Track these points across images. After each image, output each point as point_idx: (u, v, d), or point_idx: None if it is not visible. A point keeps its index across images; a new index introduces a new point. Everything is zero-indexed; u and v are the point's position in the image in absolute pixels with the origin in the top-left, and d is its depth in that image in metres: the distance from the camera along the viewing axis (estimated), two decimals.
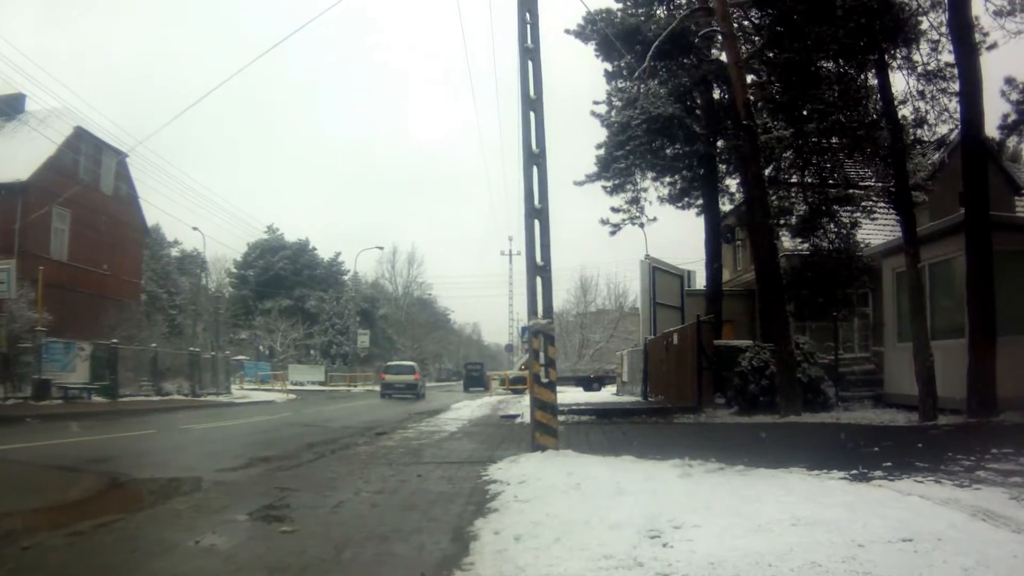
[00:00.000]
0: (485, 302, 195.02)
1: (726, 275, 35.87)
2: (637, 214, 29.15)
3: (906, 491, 8.15)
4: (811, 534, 6.02)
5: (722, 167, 29.41)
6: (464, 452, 14.05)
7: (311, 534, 6.99)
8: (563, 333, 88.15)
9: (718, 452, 10.78)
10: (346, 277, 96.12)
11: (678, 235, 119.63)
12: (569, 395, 39.13)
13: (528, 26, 13.12)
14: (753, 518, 6.52)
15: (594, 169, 27.42)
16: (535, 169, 12.73)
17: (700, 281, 41.38)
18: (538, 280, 12.58)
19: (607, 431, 17.40)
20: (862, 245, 25.28)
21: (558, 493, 8.25)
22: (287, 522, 7.47)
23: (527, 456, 11.62)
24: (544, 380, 12.18)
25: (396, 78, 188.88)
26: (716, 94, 28.08)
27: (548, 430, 12.05)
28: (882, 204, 25.25)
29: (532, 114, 12.87)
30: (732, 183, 30.42)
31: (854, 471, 9.52)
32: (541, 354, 12.24)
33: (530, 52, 13.04)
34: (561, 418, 15.23)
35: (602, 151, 26.69)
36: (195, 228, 68.23)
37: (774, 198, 24.68)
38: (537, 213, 12.63)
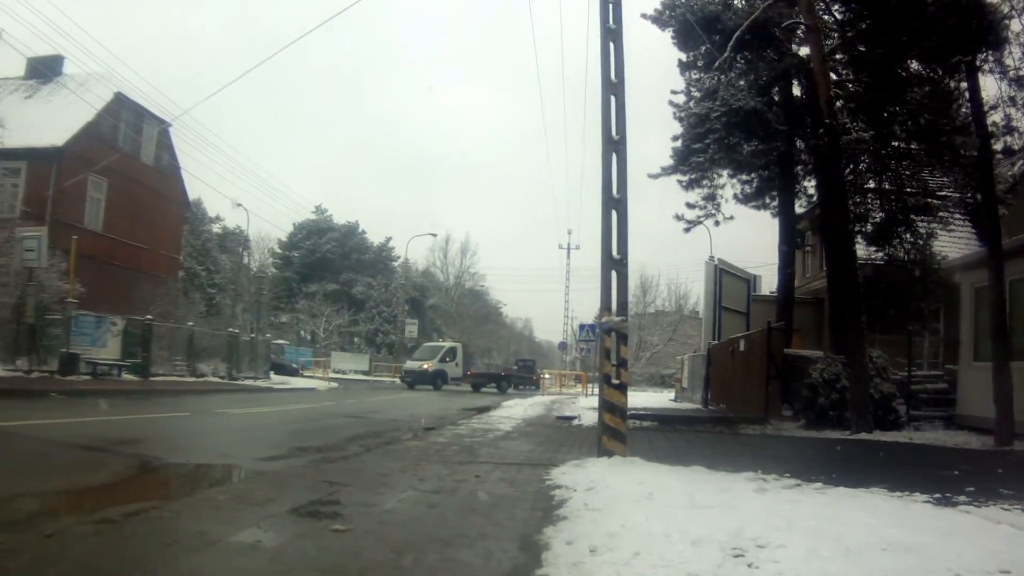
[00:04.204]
0: (538, 297, 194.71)
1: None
2: (713, 211, 28.81)
3: (995, 519, 7.94)
4: (904, 560, 5.82)
5: (798, 168, 28.80)
6: (522, 453, 13.85)
7: (366, 534, 6.69)
8: None
9: (791, 467, 10.70)
10: (396, 264, 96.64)
11: (743, 238, 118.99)
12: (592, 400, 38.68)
13: (610, 5, 12.90)
14: (840, 540, 6.28)
15: (670, 162, 26.96)
16: (614, 156, 12.49)
17: (765, 286, 41.03)
18: (613, 274, 12.32)
19: (671, 439, 17.26)
20: (938, 258, 24.98)
21: (630, 502, 7.98)
22: (338, 520, 7.15)
23: (593, 461, 11.38)
24: (615, 381, 11.88)
25: (455, 61, 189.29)
26: (796, 91, 27.49)
27: (616, 435, 11.77)
28: (958, 216, 24.93)
29: (612, 98, 12.63)
30: (808, 185, 29.85)
31: (937, 495, 9.30)
32: (613, 353, 11.94)
33: (612, 33, 12.79)
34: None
35: (679, 143, 26.21)
36: (239, 204, 68.30)
37: (849, 203, 24.12)
38: (615, 203, 12.38)
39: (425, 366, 52.45)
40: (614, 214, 12.39)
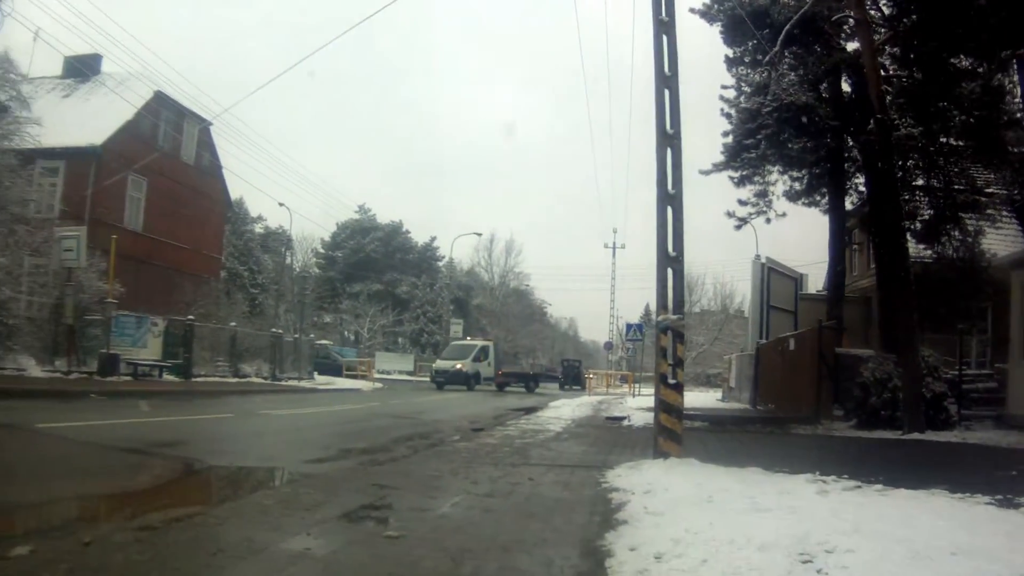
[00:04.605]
0: (583, 297, 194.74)
1: None
2: (765, 208, 28.92)
3: None
4: (974, 564, 5.63)
5: (848, 165, 28.61)
6: (574, 455, 13.74)
7: (421, 541, 6.47)
8: None
9: (848, 468, 10.48)
10: (441, 263, 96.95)
11: (786, 236, 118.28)
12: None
13: None
14: (908, 544, 6.08)
15: (720, 158, 27.29)
16: (669, 151, 12.42)
17: (810, 285, 40.78)
18: (669, 272, 12.22)
19: (723, 440, 17.14)
20: (987, 255, 24.97)
21: (690, 506, 7.82)
22: (391, 526, 6.96)
23: (649, 463, 11.32)
24: (672, 381, 11.78)
25: (500, 60, 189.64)
26: (845, 87, 27.29)
27: (672, 436, 11.67)
28: (1007, 213, 25.08)
29: (666, 92, 12.53)
30: (858, 182, 29.68)
31: (998, 496, 9.06)
32: (669, 352, 11.85)
33: (664, 25, 12.66)
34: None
35: (729, 139, 26.58)
36: (281, 204, 68.74)
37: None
38: (670, 199, 12.31)
39: (459, 366, 51.42)
40: (669, 210, 12.32)
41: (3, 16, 24.03)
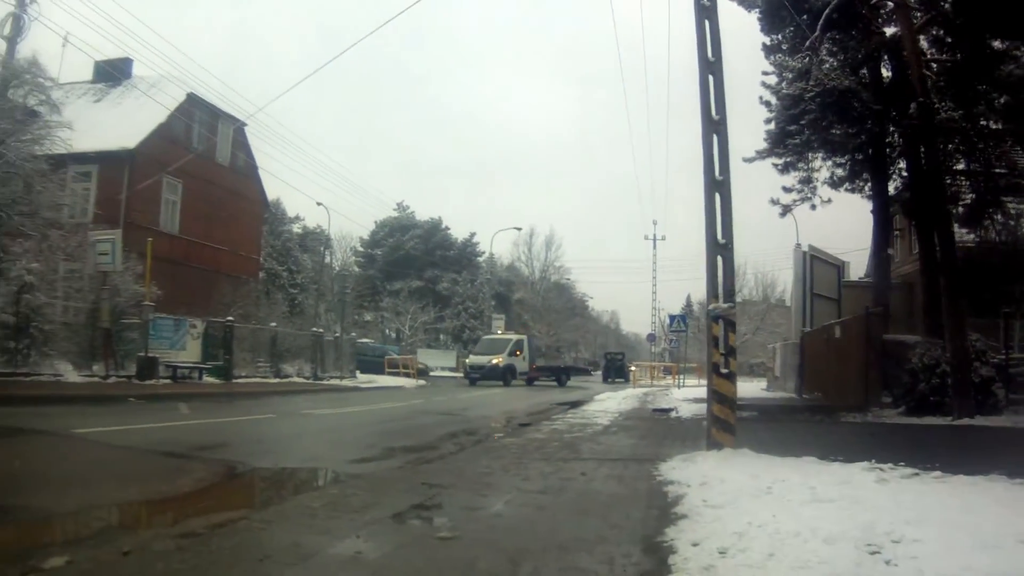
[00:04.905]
0: (624, 289, 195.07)
1: None
2: (809, 194, 29.02)
3: None
4: None
5: (889, 150, 28.54)
6: (625, 448, 13.73)
7: (476, 541, 6.36)
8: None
9: (903, 455, 10.32)
10: (481, 259, 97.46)
11: (825, 224, 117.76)
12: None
13: None
14: (974, 533, 6.00)
15: (763, 145, 27.36)
16: (715, 137, 12.37)
17: (853, 272, 40.77)
18: (719, 260, 12.17)
19: (773, 429, 17.06)
20: None
21: (750, 498, 7.77)
22: (444, 526, 6.81)
23: (702, 455, 11.25)
24: (724, 370, 11.75)
25: (535, 52, 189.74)
26: (884, 72, 27.40)
27: (726, 426, 11.65)
28: None
29: (710, 77, 12.55)
30: (901, 167, 29.52)
31: None
32: (721, 341, 11.80)
33: (707, 10, 12.66)
34: None
35: (771, 125, 26.57)
36: (319, 203, 68.70)
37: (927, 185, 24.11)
38: (718, 185, 12.23)
39: (495, 361, 50.64)
40: (717, 197, 12.25)
41: (29, 21, 23.99)
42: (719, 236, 12.11)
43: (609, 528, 6.92)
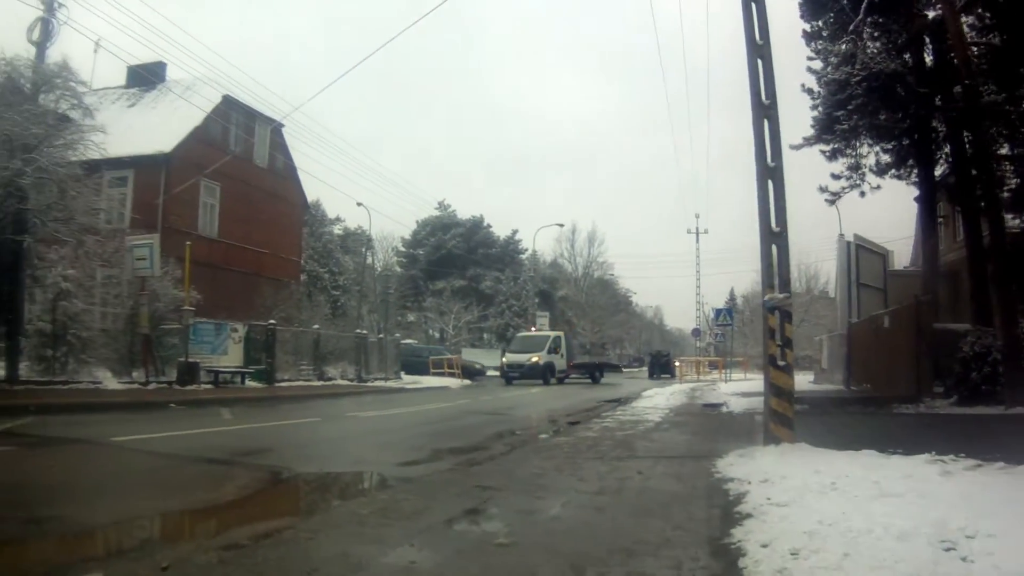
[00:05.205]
0: (667, 284, 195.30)
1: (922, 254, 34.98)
2: (858, 181, 28.84)
3: None
4: None
5: (934, 135, 28.27)
6: (680, 445, 13.68)
7: (535, 547, 6.17)
8: (753, 316, 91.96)
9: (963, 446, 10.17)
10: (524, 256, 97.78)
11: (867, 212, 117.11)
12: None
13: None
14: None
15: (810, 132, 27.25)
16: (766, 123, 12.24)
17: (897, 261, 40.60)
18: (773, 248, 12.05)
19: (826, 422, 16.94)
20: None
21: (815, 495, 7.61)
22: (501, 531, 6.65)
23: (760, 450, 11.15)
24: (781, 363, 11.62)
25: (572, 48, 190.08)
26: (927, 57, 27.13)
27: (784, 420, 11.47)
28: None
29: (759, 61, 12.41)
30: (947, 152, 29.16)
31: None
32: (777, 333, 11.72)
33: None
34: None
35: (817, 112, 26.53)
36: (359, 204, 69.01)
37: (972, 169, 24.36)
38: (771, 172, 12.10)
39: (534, 359, 49.04)
40: (770, 184, 12.14)
41: (58, 25, 23.89)
42: (773, 224, 11.97)
43: (672, 529, 6.75)
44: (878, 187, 28.96)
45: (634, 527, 6.84)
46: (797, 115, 27.29)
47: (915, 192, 30.41)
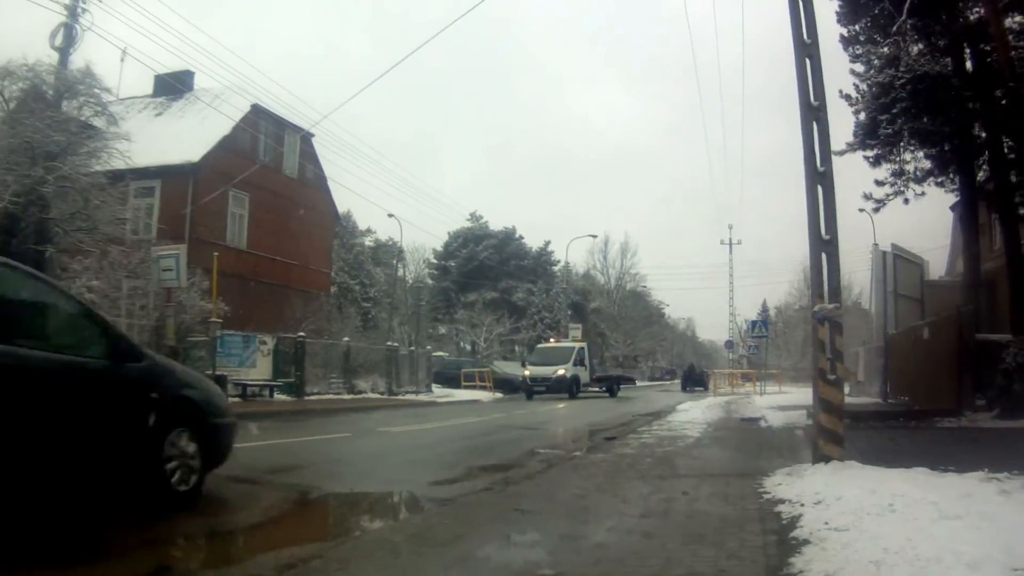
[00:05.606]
0: (699, 296, 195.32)
1: (958, 264, 34.54)
2: (903, 187, 28.28)
3: None
4: None
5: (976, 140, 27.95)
6: (722, 462, 13.41)
7: None
8: (786, 328, 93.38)
9: (1013, 462, 9.67)
10: (556, 268, 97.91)
11: (900, 221, 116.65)
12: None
13: None
14: None
15: (851, 138, 26.90)
16: (815, 125, 11.85)
17: (933, 271, 40.58)
18: (823, 257, 11.64)
19: (870, 436, 16.47)
20: None
21: (872, 518, 7.25)
22: (545, 561, 6.25)
23: (809, 469, 10.71)
24: (831, 377, 11.17)
25: (608, 58, 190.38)
26: (967, 63, 26.58)
27: (834, 438, 11.08)
28: None
29: (808, 61, 11.99)
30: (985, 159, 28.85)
31: None
32: (827, 345, 11.20)
33: None
34: (808, 422, 15.11)
35: (861, 116, 26.17)
36: (391, 215, 68.70)
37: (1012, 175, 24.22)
38: (820, 177, 11.70)
39: (561, 372, 46.53)
40: (819, 190, 11.72)
41: (82, 31, 23.77)
42: (823, 232, 11.58)
43: (727, 558, 6.43)
44: (922, 194, 28.54)
45: (686, 555, 6.53)
46: (834, 122, 26.93)
47: (949, 200, 30.46)
